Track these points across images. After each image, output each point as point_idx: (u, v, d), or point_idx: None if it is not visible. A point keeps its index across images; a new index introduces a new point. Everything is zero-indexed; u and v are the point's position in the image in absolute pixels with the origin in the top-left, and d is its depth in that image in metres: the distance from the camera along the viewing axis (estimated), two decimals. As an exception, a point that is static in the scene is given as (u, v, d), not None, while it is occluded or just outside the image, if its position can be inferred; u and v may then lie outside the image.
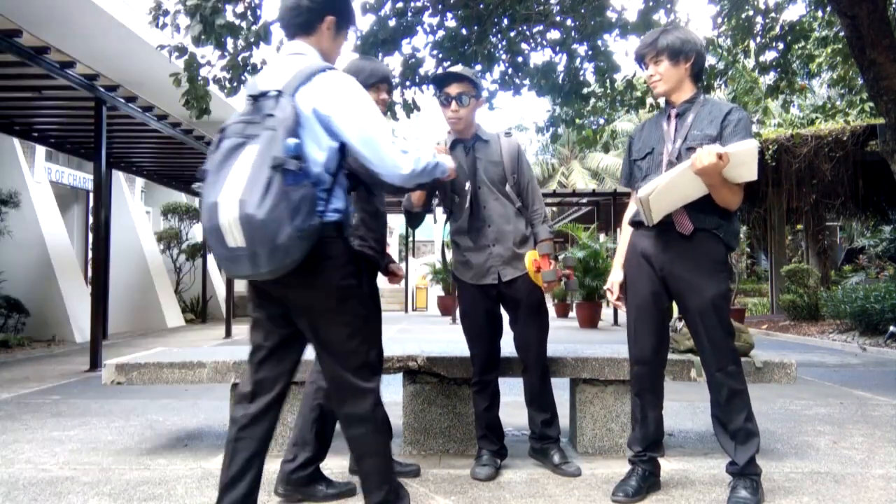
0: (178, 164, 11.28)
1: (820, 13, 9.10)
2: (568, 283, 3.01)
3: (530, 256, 2.95)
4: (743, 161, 2.42)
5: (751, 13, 8.41)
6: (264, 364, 2.16)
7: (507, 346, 3.23)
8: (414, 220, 3.12)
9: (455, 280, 3.16)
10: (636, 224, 2.79)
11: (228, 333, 10.72)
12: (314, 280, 2.01)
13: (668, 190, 2.47)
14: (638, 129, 2.91)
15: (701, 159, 2.37)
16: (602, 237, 16.24)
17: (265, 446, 2.14)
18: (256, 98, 1.99)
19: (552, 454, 3.04)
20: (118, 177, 12.14)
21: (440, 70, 7.73)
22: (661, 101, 2.88)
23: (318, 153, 2.00)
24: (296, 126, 1.92)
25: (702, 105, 2.69)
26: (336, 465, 3.01)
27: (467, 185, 2.98)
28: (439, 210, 3.32)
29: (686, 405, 4.58)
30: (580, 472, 2.97)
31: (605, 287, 2.95)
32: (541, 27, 8.16)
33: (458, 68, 3.09)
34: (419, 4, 7.78)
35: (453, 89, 2.94)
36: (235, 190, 1.82)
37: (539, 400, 3.08)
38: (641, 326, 2.74)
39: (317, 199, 1.94)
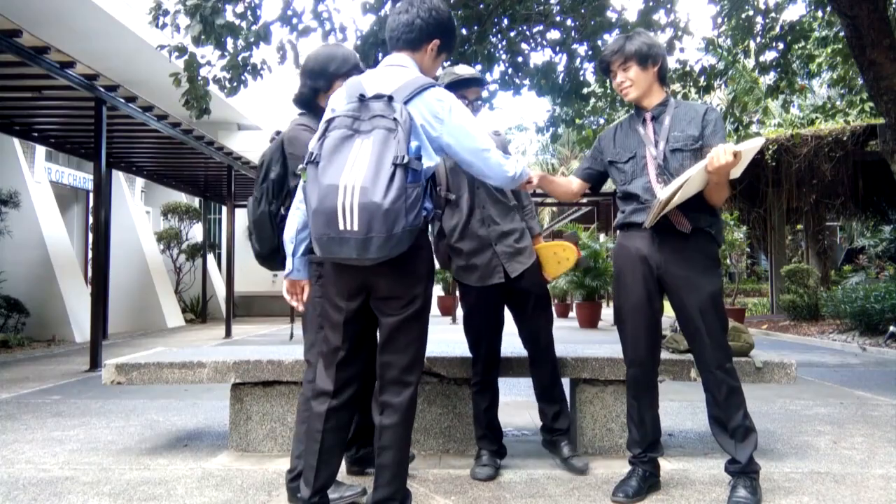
0: (178, 164, 11.29)
1: (820, 13, 9.10)
2: (580, 260, 3.13)
3: (550, 249, 3.05)
4: (747, 159, 2.48)
5: (751, 13, 8.42)
6: (344, 365, 2.28)
7: (506, 347, 3.24)
8: None
9: (458, 284, 3.15)
10: (627, 226, 2.79)
11: (228, 333, 10.72)
12: (403, 268, 2.15)
13: (685, 191, 2.50)
14: (609, 133, 2.93)
15: (718, 158, 2.41)
16: (602, 237, 16.25)
17: (347, 436, 2.34)
18: (364, 98, 2.13)
19: (562, 446, 3.06)
20: (118, 177, 12.14)
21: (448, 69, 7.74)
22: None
23: (424, 161, 2.17)
24: (411, 131, 2.09)
25: (675, 107, 2.76)
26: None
27: (465, 185, 2.99)
28: None
29: (686, 405, 4.58)
30: (587, 469, 2.97)
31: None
32: (541, 27, 8.16)
33: (476, 72, 3.09)
34: (419, 4, 7.78)
35: (472, 93, 2.99)
36: (357, 177, 1.97)
37: (550, 392, 3.09)
38: (637, 328, 2.74)
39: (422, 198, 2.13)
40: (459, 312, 15.49)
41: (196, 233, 14.90)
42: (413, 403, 2.24)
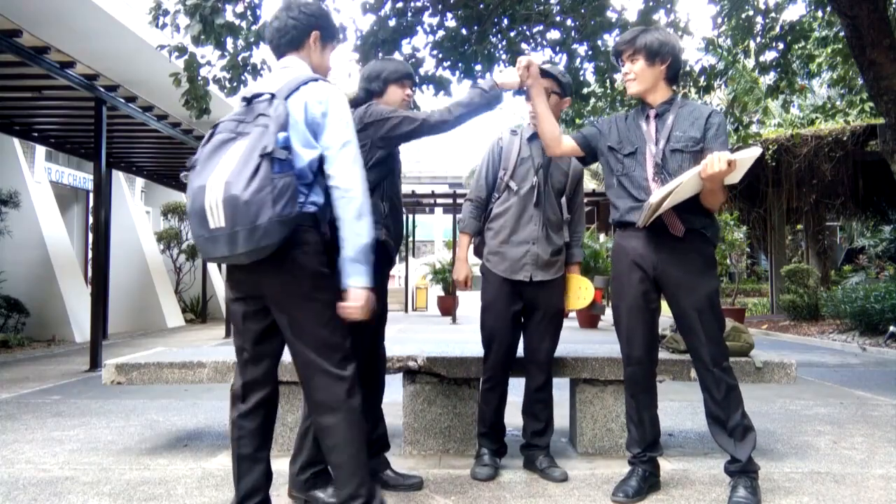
0: (178, 164, 11.26)
1: (820, 13, 9.10)
2: (595, 305, 3.14)
3: (577, 283, 3.10)
4: (743, 167, 2.46)
5: (751, 13, 8.41)
6: (249, 365, 2.27)
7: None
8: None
9: (483, 272, 3.13)
10: (623, 224, 2.78)
11: (228, 333, 10.71)
12: (287, 265, 2.10)
13: (676, 195, 2.49)
14: (613, 119, 2.89)
15: (712, 165, 2.39)
16: (602, 237, 16.24)
17: (265, 441, 2.26)
18: (250, 100, 2.14)
19: (537, 460, 3.02)
20: (118, 177, 12.14)
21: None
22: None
23: (304, 151, 2.14)
24: (286, 124, 2.08)
25: (680, 107, 2.73)
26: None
27: (534, 178, 3.01)
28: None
29: (686, 405, 4.58)
30: (566, 477, 2.93)
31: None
32: (541, 27, 8.15)
33: (546, 66, 3.12)
34: (419, 4, 7.78)
35: None
36: (223, 174, 1.97)
37: (535, 409, 3.07)
38: (634, 327, 2.74)
39: (298, 190, 2.08)
40: (459, 312, 15.48)
41: (196, 233, 14.87)
42: (352, 397, 2.15)
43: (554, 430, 3.15)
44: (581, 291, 3.13)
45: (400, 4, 7.63)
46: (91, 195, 11.15)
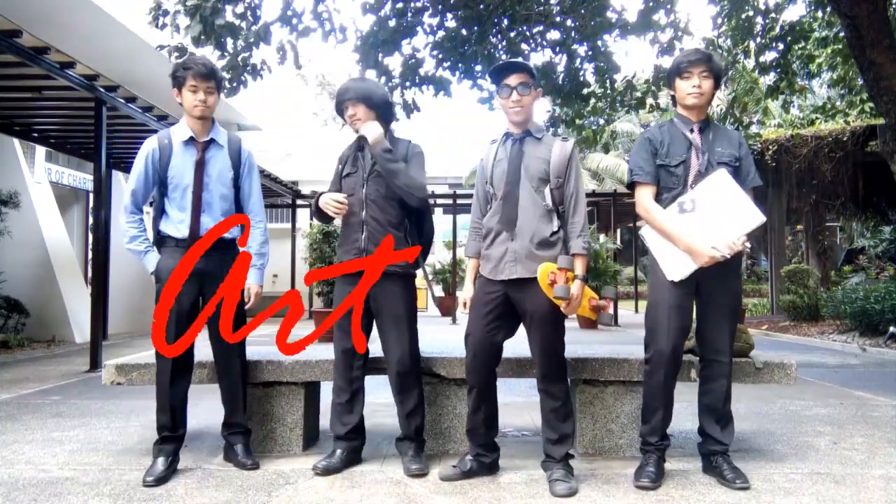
0: (178, 164, 11.26)
1: (820, 13, 9.11)
2: (601, 315, 2.98)
3: (546, 268, 2.78)
4: None
5: (751, 13, 8.42)
6: None
7: (514, 347, 3.23)
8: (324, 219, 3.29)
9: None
10: None
11: (228, 334, 10.70)
12: None
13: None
14: (659, 132, 3.06)
15: (733, 248, 2.78)
16: (602, 237, 16.24)
17: None
18: None
19: (549, 471, 2.88)
20: (118, 177, 12.13)
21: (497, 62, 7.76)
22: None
23: None
24: None
25: (714, 125, 3.05)
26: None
27: (504, 182, 2.96)
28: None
29: (686, 405, 4.56)
30: (568, 494, 2.73)
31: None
32: (541, 27, 8.17)
33: (516, 60, 3.18)
34: (419, 5, 7.78)
35: (513, 79, 2.94)
36: None
37: (548, 418, 2.92)
38: (677, 319, 2.89)
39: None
40: (460, 313, 15.49)
41: (196, 233, 14.87)
42: None
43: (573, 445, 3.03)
44: (551, 277, 2.76)
45: (400, 5, 7.64)
46: (91, 196, 11.15)
